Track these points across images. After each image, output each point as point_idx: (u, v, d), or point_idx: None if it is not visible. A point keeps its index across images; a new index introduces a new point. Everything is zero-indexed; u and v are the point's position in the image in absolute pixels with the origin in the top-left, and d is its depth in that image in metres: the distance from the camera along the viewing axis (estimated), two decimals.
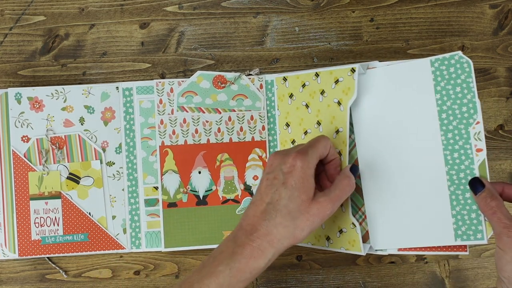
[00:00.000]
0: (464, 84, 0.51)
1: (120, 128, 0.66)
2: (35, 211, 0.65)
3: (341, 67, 0.58)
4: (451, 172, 0.52)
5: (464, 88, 0.51)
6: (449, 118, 0.52)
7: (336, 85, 0.59)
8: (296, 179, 0.49)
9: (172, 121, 0.67)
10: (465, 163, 0.51)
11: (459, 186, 0.51)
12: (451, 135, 0.51)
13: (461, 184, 0.51)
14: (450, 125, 0.52)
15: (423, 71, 0.53)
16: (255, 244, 0.48)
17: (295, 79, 0.64)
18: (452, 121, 0.51)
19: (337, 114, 0.58)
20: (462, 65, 0.51)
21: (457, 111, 0.51)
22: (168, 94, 0.67)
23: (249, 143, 0.66)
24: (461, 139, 0.51)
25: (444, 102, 0.52)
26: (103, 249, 0.66)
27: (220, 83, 0.67)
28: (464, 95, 0.51)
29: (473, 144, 0.51)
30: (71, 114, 0.66)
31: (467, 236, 0.51)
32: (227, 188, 0.65)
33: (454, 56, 0.51)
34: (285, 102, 0.65)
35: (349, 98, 0.57)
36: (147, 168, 0.66)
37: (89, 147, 0.66)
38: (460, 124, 0.51)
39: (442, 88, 0.52)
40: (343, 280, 0.69)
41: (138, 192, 0.66)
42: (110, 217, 0.66)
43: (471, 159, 0.51)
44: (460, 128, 0.51)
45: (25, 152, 0.65)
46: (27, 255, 0.65)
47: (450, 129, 0.51)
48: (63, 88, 0.66)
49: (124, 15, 0.69)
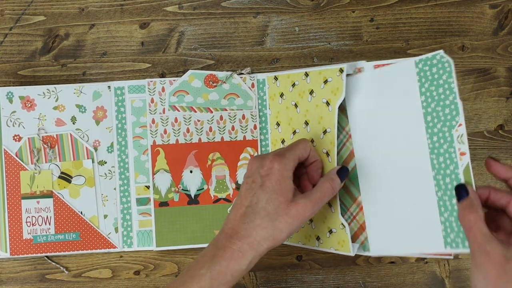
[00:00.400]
0: (446, 85, 0.48)
1: (112, 127, 0.66)
2: (27, 210, 0.65)
3: (330, 67, 0.58)
4: (438, 177, 0.49)
5: (446, 89, 0.48)
6: (434, 120, 0.49)
7: (325, 85, 0.58)
8: (274, 182, 0.49)
9: (163, 120, 0.66)
10: (450, 167, 0.48)
11: (446, 192, 0.48)
12: (436, 138, 0.49)
13: (448, 189, 0.48)
14: (435, 127, 0.49)
15: (409, 72, 0.51)
16: (235, 247, 0.48)
17: (286, 78, 0.64)
18: (436, 123, 0.49)
19: (325, 114, 0.58)
20: (444, 64, 0.48)
21: (441, 113, 0.48)
22: (159, 93, 0.66)
23: (241, 142, 0.65)
24: (445, 142, 0.48)
25: (428, 104, 0.49)
26: (95, 248, 0.66)
27: (211, 82, 0.67)
28: (447, 96, 0.48)
29: (457, 147, 0.48)
30: (62, 113, 0.66)
31: (456, 244, 0.47)
32: (219, 187, 0.65)
33: (436, 56, 0.48)
34: (276, 101, 0.65)
35: (337, 99, 0.56)
36: (138, 167, 0.65)
37: (80, 146, 0.65)
38: (444, 127, 0.48)
39: (426, 89, 0.49)
40: (343, 280, 0.69)
41: (130, 191, 0.65)
42: (102, 216, 0.66)
43: (455, 163, 0.47)
44: (444, 131, 0.48)
45: (17, 151, 0.65)
46: (18, 254, 0.65)
47: (435, 132, 0.49)
48: (54, 87, 0.66)
49: (124, 15, 0.69)
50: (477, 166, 0.70)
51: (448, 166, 0.48)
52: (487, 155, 0.70)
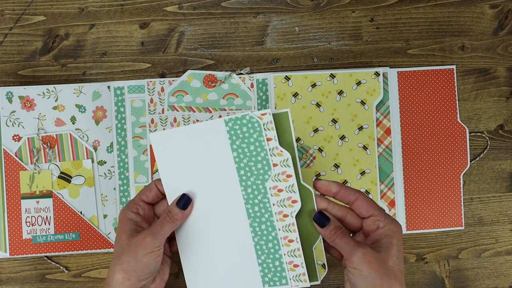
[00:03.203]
0: (257, 143, 0.52)
1: (112, 127, 0.66)
2: (26, 210, 0.65)
3: (362, 70, 0.66)
4: (254, 224, 0.54)
5: (257, 146, 0.52)
6: (247, 174, 0.53)
7: (358, 86, 0.66)
8: (118, 227, 0.54)
9: (162, 120, 0.66)
10: (265, 215, 0.53)
11: (262, 237, 0.53)
12: (250, 190, 0.53)
13: (264, 235, 0.53)
14: (248, 180, 0.53)
15: (219, 131, 0.53)
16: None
17: (303, 78, 0.66)
18: (250, 177, 0.53)
19: (360, 113, 0.65)
20: (253, 124, 0.52)
21: (253, 167, 0.53)
22: (159, 93, 0.66)
23: None
24: (259, 193, 0.53)
25: (241, 159, 0.53)
26: (94, 248, 0.66)
27: (210, 82, 0.66)
28: (258, 153, 0.52)
29: (270, 199, 0.53)
30: (62, 113, 0.66)
31: (273, 282, 0.54)
32: None
33: (245, 117, 0.52)
34: (286, 100, 0.66)
35: (374, 98, 0.66)
36: (138, 167, 0.65)
37: (80, 146, 0.65)
38: (257, 180, 0.53)
39: (238, 146, 0.53)
40: (343, 280, 0.69)
41: (130, 191, 0.65)
42: (101, 216, 0.66)
43: (270, 212, 0.53)
44: (258, 184, 0.53)
45: (16, 151, 0.65)
46: (18, 254, 0.65)
47: (249, 185, 0.53)
48: (54, 87, 0.66)
49: (124, 15, 0.69)
50: (477, 166, 0.70)
51: (263, 214, 0.53)
52: (487, 155, 0.70)
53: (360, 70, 0.65)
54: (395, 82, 0.68)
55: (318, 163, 0.66)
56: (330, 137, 0.66)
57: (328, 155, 0.66)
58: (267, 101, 0.66)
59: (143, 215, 0.54)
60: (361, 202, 0.52)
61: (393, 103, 0.68)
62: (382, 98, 0.66)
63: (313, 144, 0.66)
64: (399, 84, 0.68)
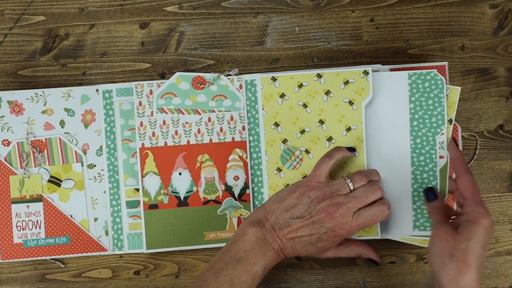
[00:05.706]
0: (436, 98, 0.59)
1: (101, 130, 0.65)
2: (17, 214, 0.64)
3: (350, 69, 0.62)
4: (416, 172, 0.60)
5: (435, 101, 0.59)
6: (419, 125, 0.60)
7: (346, 86, 0.62)
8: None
9: (151, 123, 0.64)
10: (429, 165, 0.60)
11: (421, 185, 0.60)
12: (420, 140, 0.60)
13: (424, 183, 0.60)
14: (420, 131, 0.60)
15: (401, 82, 0.61)
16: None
17: (289, 79, 0.64)
18: (421, 128, 0.60)
19: (348, 113, 0.62)
20: (437, 81, 0.59)
21: (427, 120, 0.59)
22: (147, 96, 0.64)
23: (230, 143, 0.64)
24: (428, 144, 0.60)
25: (416, 111, 0.60)
26: (85, 252, 0.64)
27: (199, 84, 0.65)
28: (435, 107, 0.59)
29: (437, 151, 0.60)
30: (51, 117, 0.65)
31: (424, 227, 0.60)
32: (208, 189, 0.64)
33: (430, 73, 0.59)
34: (273, 101, 0.64)
35: (363, 98, 0.62)
36: (128, 170, 0.64)
37: (69, 150, 0.64)
38: (428, 132, 0.59)
39: (416, 99, 0.60)
40: (343, 280, 0.69)
41: (120, 194, 0.64)
42: (92, 219, 0.65)
43: (435, 162, 0.59)
44: (428, 136, 0.60)
45: (6, 155, 0.64)
46: (9, 259, 0.64)
47: (419, 135, 0.60)
48: (42, 91, 0.65)
49: (124, 15, 0.69)
50: (477, 166, 0.69)
51: (427, 164, 0.60)
52: (487, 155, 0.70)
53: (347, 68, 0.62)
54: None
55: (305, 165, 0.64)
56: (317, 139, 0.64)
57: (315, 156, 0.64)
58: (256, 102, 0.65)
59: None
60: (465, 185, 0.56)
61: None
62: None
63: (300, 146, 0.64)
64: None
